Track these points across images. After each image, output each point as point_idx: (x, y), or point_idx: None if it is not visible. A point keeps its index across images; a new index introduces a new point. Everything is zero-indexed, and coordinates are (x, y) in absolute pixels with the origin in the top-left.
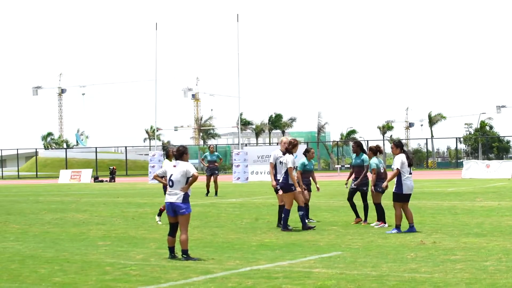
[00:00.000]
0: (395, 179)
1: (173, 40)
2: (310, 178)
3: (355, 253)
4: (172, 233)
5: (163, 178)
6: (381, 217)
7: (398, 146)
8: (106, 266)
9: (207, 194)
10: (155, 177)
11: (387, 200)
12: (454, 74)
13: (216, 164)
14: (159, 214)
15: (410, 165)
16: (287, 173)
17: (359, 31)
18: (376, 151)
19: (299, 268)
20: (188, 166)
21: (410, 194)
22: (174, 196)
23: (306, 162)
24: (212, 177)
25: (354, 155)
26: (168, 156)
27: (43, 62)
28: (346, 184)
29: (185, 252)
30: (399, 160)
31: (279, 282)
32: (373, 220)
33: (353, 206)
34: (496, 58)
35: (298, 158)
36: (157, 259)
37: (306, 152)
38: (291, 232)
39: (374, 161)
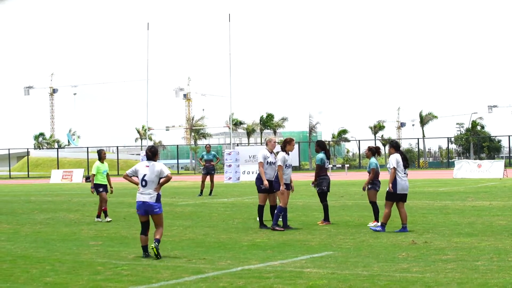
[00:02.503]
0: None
1: (165, 40)
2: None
3: (347, 253)
4: (144, 231)
5: (133, 178)
6: (376, 216)
7: (395, 147)
8: (98, 266)
9: (200, 194)
10: (124, 177)
11: (380, 201)
12: (446, 73)
13: (212, 163)
14: (98, 216)
15: (406, 166)
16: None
17: (351, 31)
18: (375, 151)
19: (291, 268)
20: (161, 167)
21: (405, 194)
22: (147, 196)
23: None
24: (208, 176)
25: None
26: (100, 158)
27: (35, 62)
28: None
29: (157, 240)
30: (395, 159)
31: (270, 282)
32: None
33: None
34: (488, 58)
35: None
36: (149, 259)
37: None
38: (283, 232)
39: (373, 161)
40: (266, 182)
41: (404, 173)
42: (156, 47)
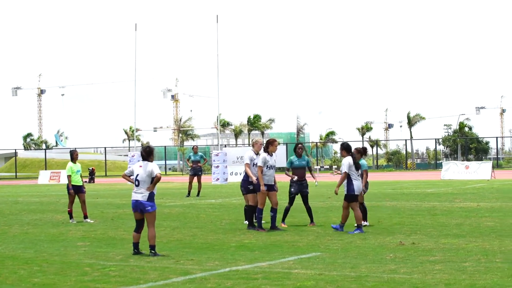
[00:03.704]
0: (344, 182)
1: (153, 41)
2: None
3: (334, 254)
4: (138, 229)
5: (130, 177)
6: (365, 216)
7: (346, 149)
8: (85, 266)
9: (188, 195)
10: (123, 177)
11: (367, 202)
12: (434, 75)
13: (199, 164)
14: (85, 217)
15: (357, 168)
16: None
17: (338, 33)
18: (363, 152)
19: (278, 269)
20: (153, 167)
21: (358, 195)
22: (140, 195)
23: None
24: (195, 177)
25: (296, 158)
26: (72, 159)
27: (23, 62)
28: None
29: (152, 247)
30: (347, 163)
31: (258, 283)
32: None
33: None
34: (476, 59)
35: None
36: (137, 260)
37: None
38: (270, 233)
39: (363, 162)
40: (254, 179)
41: (358, 175)
42: (144, 48)
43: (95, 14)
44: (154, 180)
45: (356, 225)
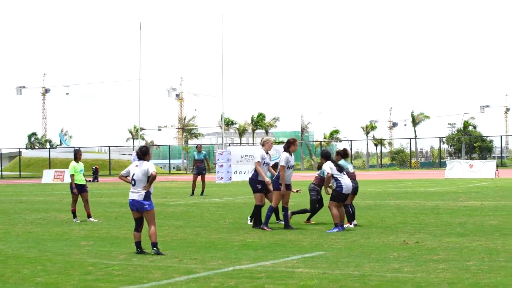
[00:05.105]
0: (334, 182)
1: (157, 40)
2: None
3: (338, 253)
4: (137, 228)
5: (127, 178)
6: (352, 217)
7: (325, 157)
8: (89, 266)
9: (192, 194)
10: (120, 177)
11: (371, 200)
12: (438, 74)
13: (203, 163)
14: (89, 216)
15: (340, 170)
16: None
17: (342, 32)
18: (344, 154)
19: (282, 268)
20: (148, 165)
21: (348, 194)
22: (136, 194)
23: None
24: (199, 176)
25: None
26: (75, 158)
27: (27, 61)
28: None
29: (154, 245)
30: (328, 167)
31: (262, 282)
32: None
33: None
34: (480, 58)
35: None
36: (140, 259)
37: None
38: (274, 232)
39: (344, 163)
40: (267, 179)
41: (343, 174)
42: (149, 47)
43: (100, 13)
44: (150, 178)
45: (335, 223)
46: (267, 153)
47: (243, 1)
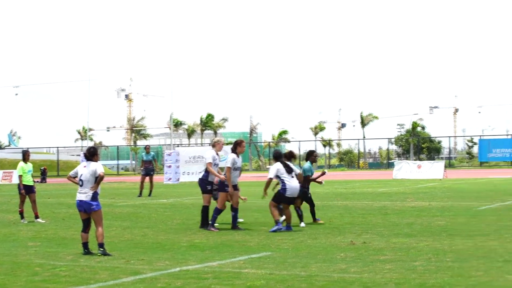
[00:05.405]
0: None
1: (107, 41)
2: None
3: (285, 254)
4: (85, 229)
5: (75, 179)
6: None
7: (275, 157)
8: (36, 267)
9: (139, 195)
10: (68, 178)
11: (319, 201)
12: (387, 74)
13: (151, 164)
14: (22, 217)
15: (289, 171)
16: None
17: (290, 32)
18: (289, 156)
19: (229, 269)
20: (96, 166)
21: (293, 198)
22: (84, 195)
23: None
24: (147, 177)
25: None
26: (24, 159)
27: None
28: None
29: (101, 245)
30: (275, 169)
31: (209, 283)
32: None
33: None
34: (429, 59)
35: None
36: (87, 260)
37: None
38: (221, 233)
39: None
40: (222, 177)
41: (291, 176)
42: (98, 48)
43: (48, 13)
44: (98, 179)
45: (276, 221)
46: (217, 154)
47: (192, 2)
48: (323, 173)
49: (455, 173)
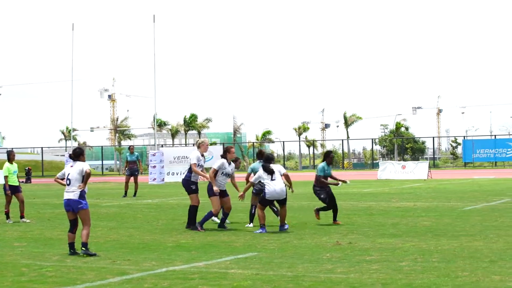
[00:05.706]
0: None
1: (90, 41)
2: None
3: (271, 254)
4: (72, 229)
5: (63, 180)
6: (251, 218)
7: (265, 160)
8: (22, 267)
9: (125, 195)
10: (55, 180)
11: (305, 201)
12: (370, 75)
13: (136, 164)
14: (22, 217)
15: (270, 172)
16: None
17: (273, 31)
18: (260, 156)
19: (215, 269)
20: (83, 165)
21: (271, 200)
22: (71, 193)
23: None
24: (132, 178)
25: (327, 165)
26: (9, 159)
27: None
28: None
29: (84, 245)
30: (258, 174)
31: (195, 283)
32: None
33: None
34: (412, 59)
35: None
36: (73, 260)
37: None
38: (207, 233)
39: (256, 165)
40: (207, 175)
41: (272, 179)
42: (81, 48)
43: (31, 13)
44: (85, 176)
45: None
46: (202, 155)
47: (175, 3)
48: (343, 182)
49: (439, 174)
